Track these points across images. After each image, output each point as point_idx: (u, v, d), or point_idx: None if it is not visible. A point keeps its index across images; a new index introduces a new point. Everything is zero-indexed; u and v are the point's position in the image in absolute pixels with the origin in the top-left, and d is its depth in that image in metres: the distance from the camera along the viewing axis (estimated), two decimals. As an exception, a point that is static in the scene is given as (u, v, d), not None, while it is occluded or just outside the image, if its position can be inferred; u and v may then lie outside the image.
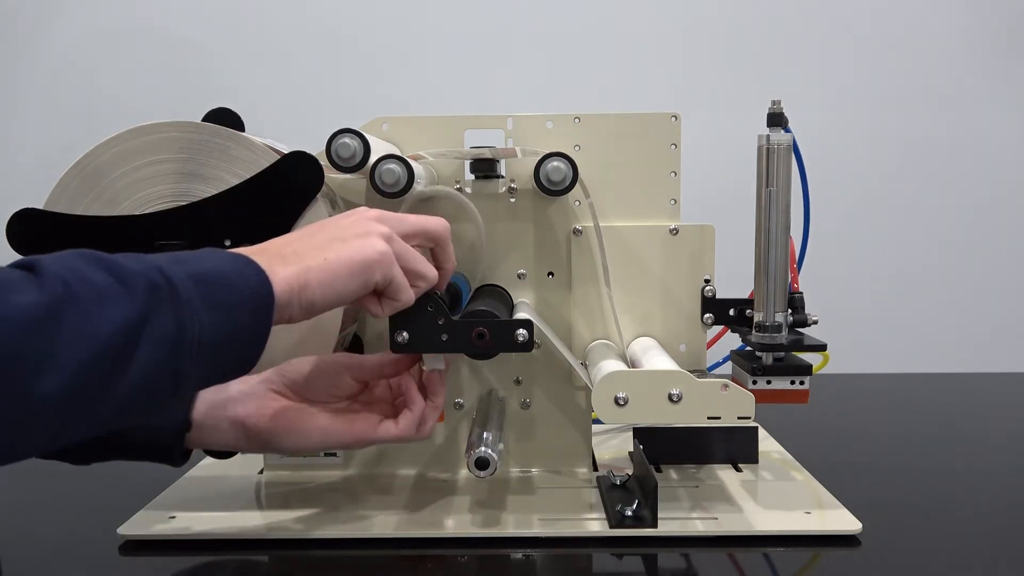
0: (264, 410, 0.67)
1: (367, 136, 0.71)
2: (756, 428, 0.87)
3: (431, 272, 0.64)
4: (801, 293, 0.79)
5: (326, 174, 0.71)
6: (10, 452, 0.44)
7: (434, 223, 0.66)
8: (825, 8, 1.43)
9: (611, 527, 0.70)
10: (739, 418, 0.66)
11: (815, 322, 0.78)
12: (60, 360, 0.43)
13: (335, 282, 0.56)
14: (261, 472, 0.84)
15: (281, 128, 0.93)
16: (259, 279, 0.52)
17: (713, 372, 0.89)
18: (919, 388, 1.29)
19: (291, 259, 0.55)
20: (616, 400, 0.66)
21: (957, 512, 0.77)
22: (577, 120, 0.83)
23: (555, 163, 0.73)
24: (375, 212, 0.62)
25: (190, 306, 0.48)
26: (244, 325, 0.51)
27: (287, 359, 0.71)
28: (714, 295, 0.82)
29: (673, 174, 0.84)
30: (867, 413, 1.14)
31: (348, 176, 0.76)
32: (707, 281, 0.83)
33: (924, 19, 1.42)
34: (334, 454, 0.84)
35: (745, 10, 1.43)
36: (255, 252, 0.55)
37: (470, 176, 0.83)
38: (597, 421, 0.84)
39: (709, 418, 0.66)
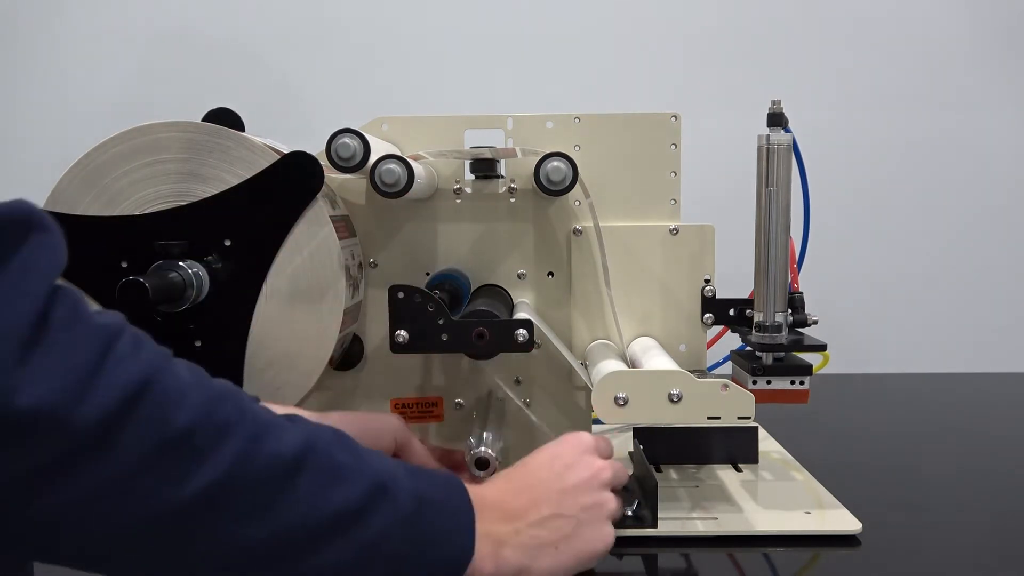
0: None
1: (367, 136, 0.71)
2: (756, 428, 0.87)
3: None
4: (801, 293, 0.79)
5: (326, 174, 0.71)
6: None
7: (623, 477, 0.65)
8: (825, 8, 1.42)
9: (611, 527, 0.70)
10: (739, 418, 0.66)
11: (815, 322, 0.78)
12: (277, 515, 0.45)
13: (559, 571, 0.56)
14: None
15: (281, 128, 0.93)
16: (463, 552, 0.52)
17: (713, 372, 0.89)
18: (919, 388, 1.29)
19: (516, 547, 0.54)
20: (616, 400, 0.66)
21: (957, 512, 0.77)
22: (577, 120, 0.83)
23: (555, 163, 0.73)
24: (603, 468, 0.61)
25: (399, 523, 0.49)
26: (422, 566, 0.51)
27: (287, 357, 0.71)
28: (714, 295, 0.82)
29: (673, 174, 0.84)
30: (867, 413, 1.14)
31: (348, 176, 0.76)
32: (707, 281, 0.83)
33: (925, 19, 1.42)
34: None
35: (745, 10, 1.42)
36: (485, 511, 0.54)
37: (470, 176, 0.83)
38: (597, 421, 0.84)
39: (709, 418, 0.66)
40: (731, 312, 0.82)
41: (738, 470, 0.84)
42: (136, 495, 0.41)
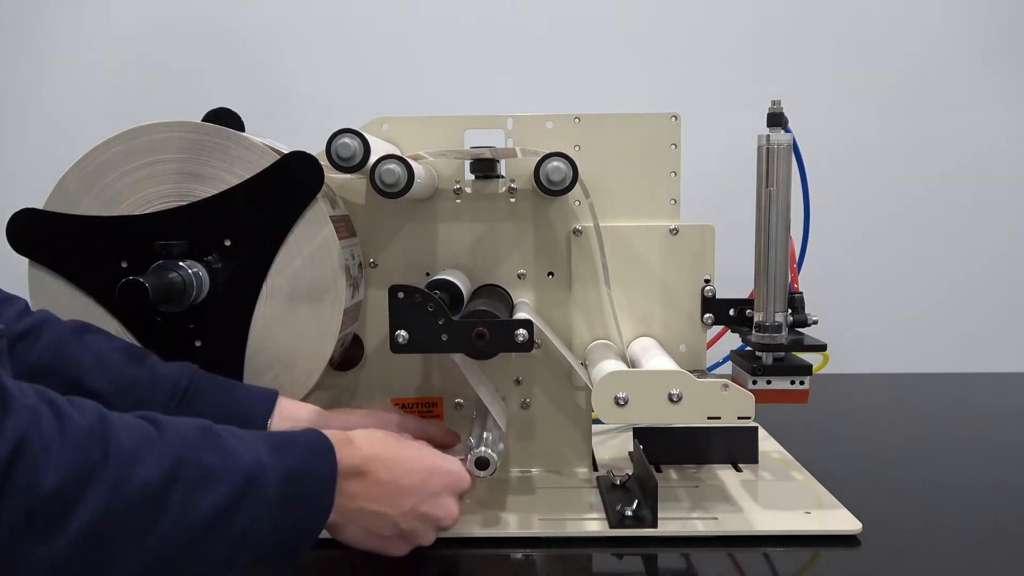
0: None
1: (367, 136, 0.71)
2: (756, 428, 0.87)
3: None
4: (801, 293, 0.79)
5: (326, 174, 0.71)
6: None
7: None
8: (825, 8, 1.42)
9: (611, 527, 0.70)
10: (739, 418, 0.66)
11: (815, 322, 0.78)
12: (154, 536, 0.46)
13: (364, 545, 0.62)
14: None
15: (281, 128, 0.93)
16: (327, 497, 0.56)
17: (713, 372, 0.89)
18: (919, 388, 1.29)
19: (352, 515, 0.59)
20: (616, 400, 0.66)
21: (957, 512, 0.77)
22: (577, 120, 0.83)
23: (555, 163, 0.73)
24: (443, 516, 0.64)
25: (268, 508, 0.51)
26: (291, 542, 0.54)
27: (287, 357, 0.72)
28: (714, 295, 0.82)
29: (673, 174, 0.84)
30: (867, 413, 1.14)
31: (348, 176, 0.76)
32: (707, 281, 0.83)
33: (925, 19, 1.42)
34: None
35: (745, 10, 1.42)
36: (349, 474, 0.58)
37: (470, 176, 0.83)
38: (597, 421, 0.84)
39: (709, 418, 0.66)
40: (731, 312, 0.82)
41: (738, 470, 0.84)
42: (11, 559, 0.43)
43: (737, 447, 0.86)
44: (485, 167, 0.82)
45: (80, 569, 0.45)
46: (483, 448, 0.69)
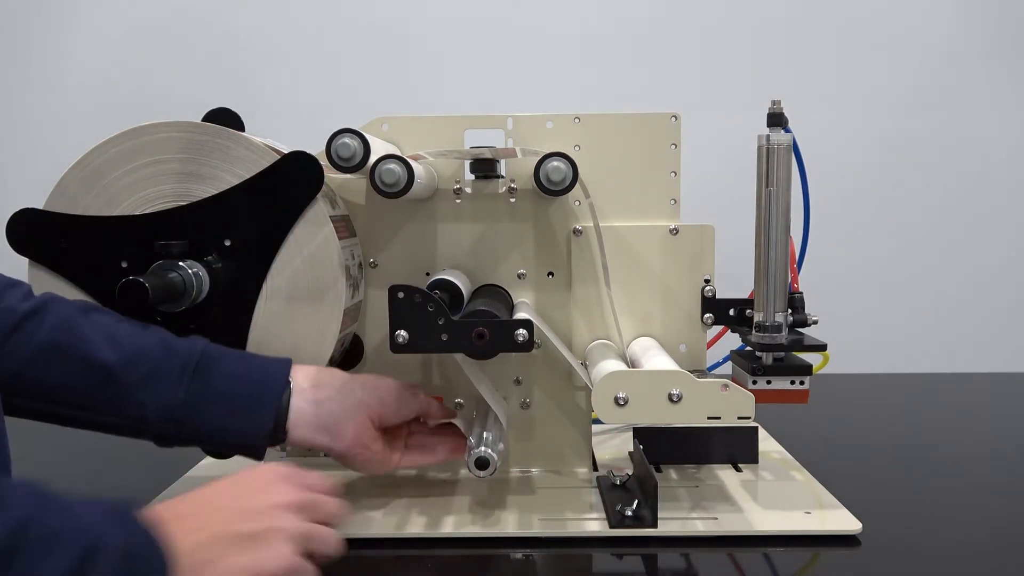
0: (361, 438, 0.70)
1: (367, 136, 0.71)
2: (756, 428, 0.87)
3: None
4: (801, 293, 0.79)
5: (326, 174, 0.71)
6: None
7: (332, 505, 0.59)
8: (825, 8, 1.42)
9: (611, 527, 0.70)
10: (739, 418, 0.66)
11: (815, 322, 0.78)
12: None
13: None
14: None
15: (281, 128, 0.93)
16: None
17: (713, 372, 0.89)
18: (919, 388, 1.29)
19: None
20: (616, 400, 0.66)
21: (957, 512, 0.77)
22: (577, 120, 0.83)
23: (555, 163, 0.73)
24: (286, 495, 0.55)
25: None
26: None
27: (288, 356, 0.71)
28: (714, 295, 0.82)
29: (673, 174, 0.84)
30: (867, 413, 1.14)
31: (348, 176, 0.76)
32: (707, 281, 0.83)
33: (925, 19, 1.42)
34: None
35: (746, 10, 1.42)
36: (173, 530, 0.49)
37: (470, 176, 0.83)
38: (597, 421, 0.84)
39: (709, 418, 0.66)
40: (731, 312, 0.82)
41: (738, 470, 0.84)
42: None
43: (737, 447, 0.86)
44: (485, 167, 0.82)
45: None
46: (483, 448, 0.69)
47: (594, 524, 0.71)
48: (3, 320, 0.64)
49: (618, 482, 0.78)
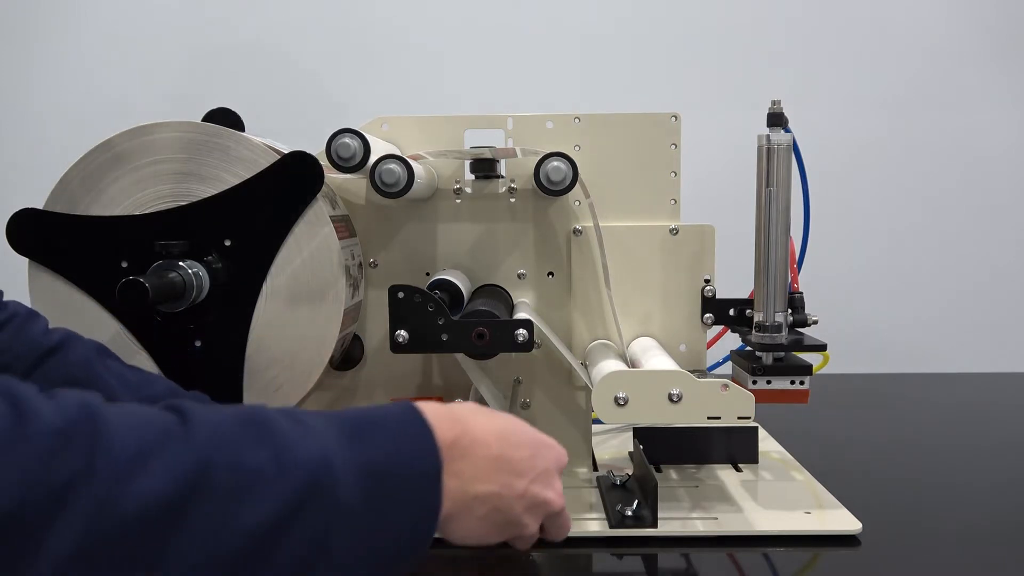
0: None
1: (367, 136, 0.71)
2: (756, 428, 0.87)
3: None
4: (801, 293, 0.79)
5: (326, 174, 0.71)
6: None
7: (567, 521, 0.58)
8: (825, 8, 1.43)
9: (611, 527, 0.70)
10: (739, 418, 0.66)
11: (815, 322, 0.78)
12: (171, 568, 0.36)
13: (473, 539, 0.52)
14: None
15: (281, 128, 0.93)
16: (432, 490, 0.45)
17: (713, 372, 0.89)
18: (918, 388, 1.29)
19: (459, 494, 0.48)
20: (616, 400, 0.66)
21: (957, 512, 0.77)
22: (577, 120, 0.83)
23: (555, 163, 0.73)
24: (554, 498, 0.54)
25: (343, 516, 0.41)
26: (401, 539, 0.44)
27: (287, 357, 0.72)
28: (714, 295, 0.82)
29: (673, 174, 0.84)
30: (867, 413, 1.14)
31: (348, 176, 0.76)
32: (707, 281, 0.83)
33: (925, 19, 1.42)
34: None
35: (745, 10, 1.43)
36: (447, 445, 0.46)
37: (470, 176, 0.83)
38: (597, 421, 0.84)
39: (709, 418, 0.66)
40: (731, 312, 0.82)
41: (738, 470, 0.84)
42: None
43: (737, 447, 0.86)
44: (485, 167, 0.82)
45: None
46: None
47: (594, 524, 0.71)
48: (30, 352, 0.64)
49: (618, 482, 0.78)
